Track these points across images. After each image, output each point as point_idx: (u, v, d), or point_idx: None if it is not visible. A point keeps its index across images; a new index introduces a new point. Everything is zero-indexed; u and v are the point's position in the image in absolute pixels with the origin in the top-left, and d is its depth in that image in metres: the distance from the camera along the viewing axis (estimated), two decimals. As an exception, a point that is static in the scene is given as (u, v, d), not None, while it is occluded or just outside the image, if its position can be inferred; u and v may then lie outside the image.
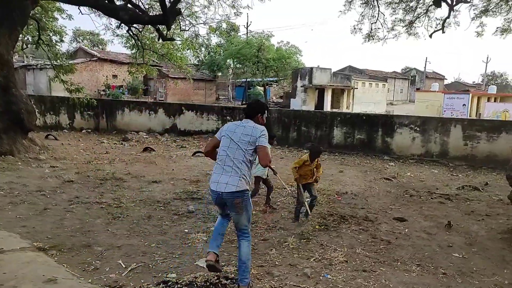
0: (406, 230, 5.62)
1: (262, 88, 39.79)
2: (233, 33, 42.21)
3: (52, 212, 5.65)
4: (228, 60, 40.30)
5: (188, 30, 15.48)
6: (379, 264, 4.37)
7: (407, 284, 3.89)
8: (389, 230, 5.59)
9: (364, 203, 7.04)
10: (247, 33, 41.80)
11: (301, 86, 33.52)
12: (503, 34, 11.67)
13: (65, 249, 4.36)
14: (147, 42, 16.05)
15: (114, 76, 37.31)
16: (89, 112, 16.74)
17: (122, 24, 14.45)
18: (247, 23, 45.47)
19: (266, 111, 3.77)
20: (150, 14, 12.90)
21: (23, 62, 37.75)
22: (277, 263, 4.28)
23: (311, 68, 33.69)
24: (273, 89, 46.61)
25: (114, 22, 16.08)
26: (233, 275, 3.87)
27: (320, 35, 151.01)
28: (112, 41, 42.11)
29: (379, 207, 6.78)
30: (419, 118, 12.66)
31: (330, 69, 35.44)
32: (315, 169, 5.86)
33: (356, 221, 5.90)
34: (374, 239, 5.19)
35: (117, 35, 17.64)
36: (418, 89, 50.58)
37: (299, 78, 33.86)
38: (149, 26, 14.38)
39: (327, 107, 32.28)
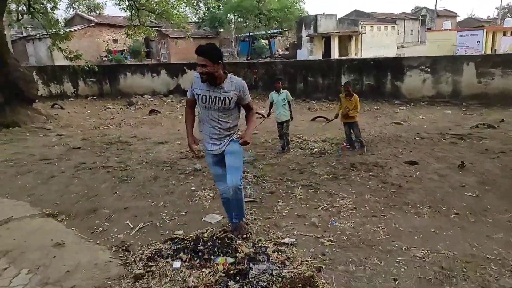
0: (418, 173, 5.48)
1: (266, 41, 38.55)
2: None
3: (58, 179, 5.67)
4: (229, 15, 38.83)
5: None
6: (389, 209, 4.29)
7: (417, 227, 3.81)
8: (400, 174, 5.46)
9: (374, 149, 6.87)
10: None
11: (306, 36, 32.36)
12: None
13: (73, 214, 4.38)
14: (142, 1, 15.39)
15: (115, 41, 36.53)
16: (92, 79, 16.55)
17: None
18: (246, -28, 43.20)
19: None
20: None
21: (22, 33, 37.12)
22: (284, 214, 4.24)
23: (316, 16, 32.28)
24: (278, 41, 45.11)
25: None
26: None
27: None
28: (105, 4, 40.67)
29: (389, 152, 6.62)
30: (429, 58, 12.10)
31: (335, 15, 33.93)
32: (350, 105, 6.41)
33: (365, 168, 5.78)
34: (384, 184, 5.08)
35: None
36: (429, 29, 48.32)
37: (303, 27, 32.61)
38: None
39: (335, 55, 31.25)
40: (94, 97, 16.21)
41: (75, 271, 3.06)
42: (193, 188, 5.14)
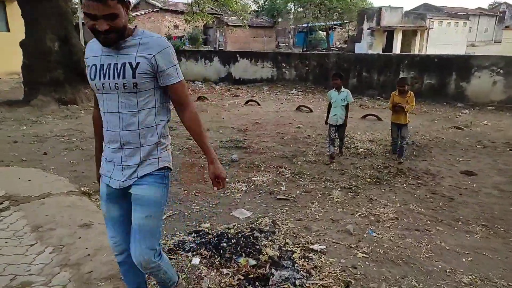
0: (474, 185, 4.90)
1: (324, 33, 37.52)
2: (293, -27, 39.58)
3: (102, 158, 5.83)
4: (289, 4, 38.26)
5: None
6: (435, 223, 3.84)
7: (467, 248, 3.36)
8: (453, 185, 4.92)
9: (427, 154, 6.30)
10: (308, -28, 38.82)
11: (367, 29, 30.86)
12: None
13: (108, 194, 4.45)
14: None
15: (175, 27, 37.65)
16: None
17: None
18: (309, -39, 42.15)
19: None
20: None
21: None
22: (317, 217, 3.96)
23: (380, 8, 30.62)
24: (337, 33, 43.78)
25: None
26: (268, 227, 3.64)
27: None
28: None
29: (444, 159, 6.03)
30: (503, 58, 10.88)
31: (402, 7, 31.92)
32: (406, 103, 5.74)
33: (414, 175, 5.29)
34: (434, 195, 4.60)
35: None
36: (507, 27, 44.02)
37: (365, 20, 31.10)
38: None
39: (397, 51, 29.54)
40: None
41: (96, 254, 3.06)
42: (227, 180, 5.00)
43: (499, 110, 10.11)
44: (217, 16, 31.97)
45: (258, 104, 11.07)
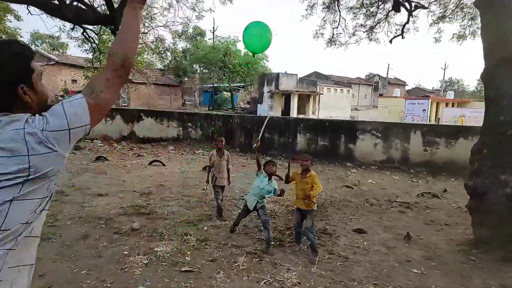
0: (365, 243, 5.35)
1: (229, 94, 39.39)
2: (199, 37, 41.69)
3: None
4: (194, 65, 39.68)
5: (147, 33, 14.82)
6: (334, 285, 4.04)
7: (362, 308, 3.57)
8: (348, 244, 5.31)
9: (324, 214, 6.75)
10: (213, 37, 41.38)
11: (267, 92, 33.39)
12: (459, 40, 11.93)
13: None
14: (104, 44, 15.28)
15: (74, 81, 35.69)
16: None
17: (76, 26, 13.68)
18: (213, 27, 45.17)
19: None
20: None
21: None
22: (223, 288, 3.85)
23: (278, 74, 33.67)
24: (240, 94, 46.31)
25: (68, 23, 15.21)
26: (170, 307, 3.39)
27: (287, 40, 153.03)
28: (67, 44, 40.13)
29: (339, 218, 6.52)
30: (381, 124, 12.68)
31: (296, 74, 35.60)
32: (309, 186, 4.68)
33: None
34: (331, 255, 4.87)
35: (72, 38, 16.69)
36: (381, 95, 52.02)
37: (265, 83, 33.74)
38: (108, 28, 13.68)
39: (294, 112, 32.33)
40: (40, 137, 15.21)
41: None
42: (125, 252, 4.63)
43: (381, 169, 11.52)
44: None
45: (163, 165, 10.80)
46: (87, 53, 17.98)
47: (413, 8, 9.95)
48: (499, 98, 5.07)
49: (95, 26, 13.39)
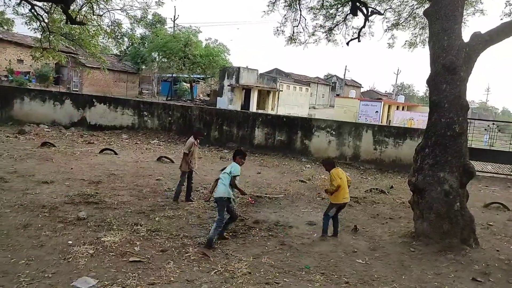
0: (315, 235, 5.52)
1: (188, 85, 38.68)
2: (159, 25, 40.45)
3: None
4: (153, 53, 38.43)
5: (102, 15, 14.09)
6: (283, 275, 4.12)
7: (309, 297, 3.68)
8: (299, 235, 5.44)
9: (278, 206, 6.86)
10: (174, 26, 40.36)
11: (228, 85, 33.22)
12: (410, 47, 12.56)
13: None
14: (55, 24, 14.33)
15: (20, 61, 33.30)
16: (-21, 100, 14.43)
17: (24, 2, 12.74)
18: (174, 16, 44.13)
19: None
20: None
21: None
22: (172, 279, 3.80)
23: (239, 68, 33.59)
24: (200, 86, 45.66)
25: (14, -2, 14.14)
26: (115, 297, 3.29)
27: (248, 35, 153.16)
28: (13, 21, 37.24)
29: (292, 211, 6.66)
30: (335, 122, 13.09)
31: (257, 70, 35.73)
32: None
33: (267, 227, 5.66)
34: (282, 246, 4.97)
35: (18, 14, 15.46)
36: (338, 95, 53.71)
37: (226, 77, 33.54)
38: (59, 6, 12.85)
39: (253, 107, 32.47)
40: (-21, 120, 14.05)
41: None
42: (70, 242, 4.42)
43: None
44: (72, 55, 29.71)
45: (115, 153, 10.39)
46: (35, 32, 16.76)
47: (369, 13, 10.31)
48: (441, 102, 5.42)
49: (45, 3, 12.53)
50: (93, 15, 13.71)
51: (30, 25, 17.30)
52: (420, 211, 5.31)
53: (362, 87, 71.00)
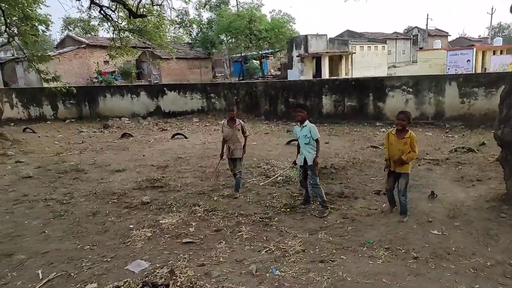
0: (384, 205, 4.97)
1: (258, 62, 38.58)
2: (223, 6, 40.70)
3: (-11, 215, 5.14)
4: (220, 36, 38.96)
5: (161, 4, 14.48)
6: (341, 251, 3.76)
7: (368, 275, 3.28)
8: (364, 207, 4.96)
9: (344, 177, 6.38)
10: (237, 4, 40.23)
11: (297, 56, 32.27)
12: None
13: (-17, 260, 3.84)
14: (122, 21, 15.19)
15: (106, 62, 36.46)
16: (71, 101, 16.15)
17: (93, 5, 13.69)
18: (237, -6, 43.70)
19: None
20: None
21: (13, 55, 37.04)
22: (222, 259, 3.70)
23: (306, 36, 32.29)
24: (270, 61, 45.25)
25: (86, 2, 15.26)
26: (163, 279, 3.30)
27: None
28: (98, 25, 40.71)
29: (359, 180, 6.13)
30: (412, 78, 11.74)
31: (326, 35, 33.97)
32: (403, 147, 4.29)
33: (329, 199, 5.26)
34: (344, 220, 4.57)
35: (91, 17, 16.74)
36: (421, 49, 48.69)
37: (294, 47, 32.55)
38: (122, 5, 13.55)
39: (325, 75, 31.10)
40: (73, 120, 15.77)
41: None
42: (131, 226, 4.61)
43: (413, 126, 10.74)
44: (148, 49, 31.57)
45: (185, 137, 10.77)
46: (107, 32, 18.03)
47: None
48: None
49: (111, 2, 13.28)
50: (153, 5, 14.18)
51: (102, 26, 18.65)
52: (510, 169, 4.41)
53: (450, 35, 63.46)
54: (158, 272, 3.43)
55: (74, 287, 3.30)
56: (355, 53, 33.90)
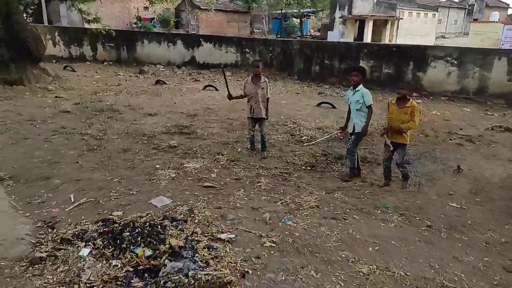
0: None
1: (298, 20, 37.27)
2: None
3: (30, 141, 5.53)
4: (262, -11, 37.67)
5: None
6: (354, 212, 3.84)
7: (377, 237, 3.36)
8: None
9: (370, 142, 6.33)
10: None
11: (339, 17, 30.86)
12: None
13: (24, 180, 4.21)
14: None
15: (146, 8, 36.35)
16: (110, 44, 16.44)
17: None
18: None
19: None
20: None
21: (58, -6, 37.59)
22: (238, 205, 3.88)
23: (352, -4, 30.63)
24: (311, 21, 43.57)
25: None
26: (182, 216, 3.52)
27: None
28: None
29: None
30: (457, 49, 11.06)
31: (373, -4, 32.06)
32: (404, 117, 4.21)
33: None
34: (363, 183, 4.61)
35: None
36: (475, 20, 45.16)
37: (338, 8, 31.07)
38: None
39: (367, 40, 29.72)
40: (111, 62, 16.14)
41: None
42: (157, 166, 4.85)
43: (451, 100, 10.31)
44: (188, -2, 31.13)
45: (216, 90, 10.84)
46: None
47: None
48: None
49: None
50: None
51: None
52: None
53: (511, 8, 58.15)
54: (178, 209, 3.66)
55: (102, 212, 3.59)
56: (402, 18, 31.93)
